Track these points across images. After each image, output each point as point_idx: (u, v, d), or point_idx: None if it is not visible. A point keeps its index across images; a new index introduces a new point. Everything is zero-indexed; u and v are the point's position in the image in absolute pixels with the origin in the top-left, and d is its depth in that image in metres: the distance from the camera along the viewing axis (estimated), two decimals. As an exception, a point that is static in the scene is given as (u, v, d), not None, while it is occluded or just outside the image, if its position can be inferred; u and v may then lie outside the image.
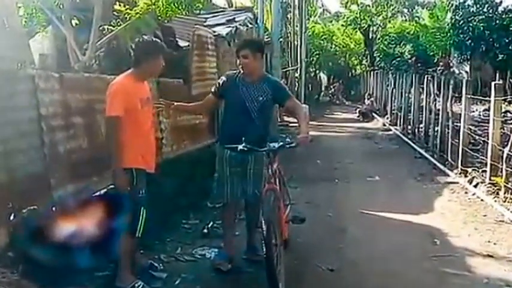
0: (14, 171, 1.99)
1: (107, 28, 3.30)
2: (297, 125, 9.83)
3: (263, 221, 2.12)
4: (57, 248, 2.11)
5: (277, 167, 2.51)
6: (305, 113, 2.56)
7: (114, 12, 3.27)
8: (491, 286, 2.39)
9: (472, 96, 5.39)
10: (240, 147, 2.27)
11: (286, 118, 9.24)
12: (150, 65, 2.26)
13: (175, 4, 3.35)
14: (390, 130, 9.47)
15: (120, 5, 3.09)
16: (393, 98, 10.47)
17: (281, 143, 2.41)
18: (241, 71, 2.51)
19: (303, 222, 2.61)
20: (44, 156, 2.16)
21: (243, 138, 2.28)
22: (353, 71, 20.82)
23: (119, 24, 3.26)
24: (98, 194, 2.54)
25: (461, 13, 14.19)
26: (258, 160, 2.50)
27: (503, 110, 5.34)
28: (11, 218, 2.02)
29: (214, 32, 5.10)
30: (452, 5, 14.71)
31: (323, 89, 19.24)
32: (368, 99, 13.21)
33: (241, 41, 2.80)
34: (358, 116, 12.31)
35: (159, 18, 3.29)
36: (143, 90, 2.31)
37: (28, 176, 2.06)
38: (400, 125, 9.18)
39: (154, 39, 2.41)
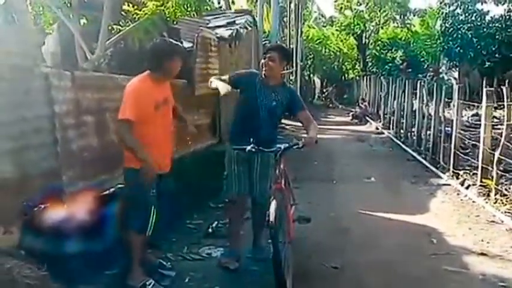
0: (27, 168, 2.01)
1: (115, 28, 3.32)
2: (294, 125, 9.79)
3: (271, 220, 2.18)
4: (68, 245, 2.13)
5: (284, 167, 2.57)
6: (316, 126, 2.61)
7: (122, 12, 3.29)
8: (487, 282, 2.51)
9: (464, 102, 5.59)
10: (249, 148, 2.33)
11: (282, 120, 9.31)
12: (166, 67, 2.26)
13: (184, 6, 3.39)
14: (383, 133, 9.68)
15: (128, 5, 3.12)
16: (386, 102, 10.71)
17: (288, 144, 2.47)
18: (263, 72, 2.55)
19: (308, 222, 2.68)
20: (57, 153, 2.18)
21: (252, 140, 2.34)
22: (346, 75, 21.17)
23: (127, 24, 3.29)
24: (107, 192, 2.56)
25: (450, 21, 14.65)
26: (263, 161, 2.56)
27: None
28: (24, 214, 2.03)
29: (216, 34, 5.16)
30: (442, 13, 15.18)
31: (317, 92, 19.48)
32: (361, 103, 13.47)
33: (273, 44, 2.82)
34: (352, 119, 12.53)
35: (168, 19, 3.32)
36: (160, 91, 2.31)
37: (41, 173, 2.08)
38: (392, 129, 9.40)
39: (170, 40, 2.43)
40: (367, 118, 12.24)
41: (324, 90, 19.40)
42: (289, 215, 2.49)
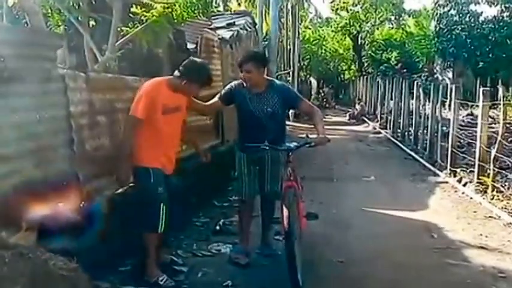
0: (46, 167, 2.06)
1: (123, 29, 3.38)
2: (293, 125, 9.95)
3: (285, 216, 2.26)
4: (83, 242, 2.18)
5: (294, 165, 2.64)
6: (320, 115, 2.70)
7: (130, 14, 3.34)
8: (486, 273, 2.62)
9: (461, 101, 5.74)
10: (262, 146, 2.42)
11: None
12: (188, 86, 2.35)
13: (192, 8, 3.46)
14: (380, 133, 9.84)
15: (136, 7, 3.18)
16: (383, 102, 10.88)
17: (300, 143, 2.55)
18: (246, 84, 2.57)
19: (316, 218, 2.75)
20: (74, 153, 2.24)
21: (266, 139, 2.43)
22: (342, 76, 21.35)
23: (135, 26, 3.34)
24: (120, 190, 2.62)
25: (444, 22, 14.90)
26: (274, 159, 2.63)
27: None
28: (42, 213, 2.08)
29: (218, 35, 5.23)
30: (436, 14, 15.42)
31: (313, 93, 19.63)
32: (358, 103, 13.64)
33: (244, 55, 2.64)
34: (349, 120, 12.70)
35: (175, 21, 3.38)
36: (173, 99, 2.37)
37: (59, 172, 2.13)
38: (390, 128, 9.57)
39: (209, 69, 2.48)
40: (364, 118, 12.41)
41: (321, 91, 19.56)
42: (300, 211, 2.56)
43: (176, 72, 2.38)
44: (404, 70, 16.03)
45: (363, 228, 3.39)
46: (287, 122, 9.71)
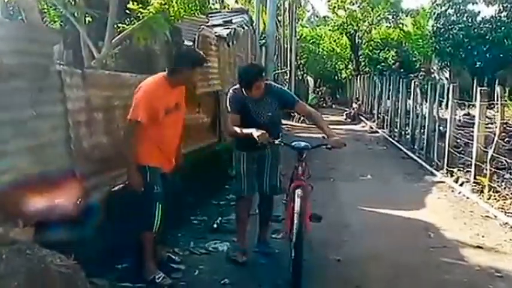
0: (44, 164, 2.04)
1: (120, 26, 3.34)
2: (292, 125, 9.92)
3: (296, 215, 2.28)
4: (81, 239, 2.16)
5: (305, 164, 2.60)
6: (320, 116, 2.71)
7: (126, 11, 3.31)
8: (483, 273, 2.64)
9: (459, 100, 5.76)
10: (277, 141, 2.47)
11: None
12: (183, 75, 2.30)
13: (189, 5, 3.43)
14: (377, 132, 9.86)
15: (133, 4, 3.14)
16: (380, 102, 10.90)
17: (313, 144, 2.58)
18: (250, 94, 2.56)
19: (319, 220, 2.69)
20: (71, 149, 2.21)
21: (280, 134, 2.50)
22: (339, 75, 21.37)
23: (132, 22, 3.31)
24: (117, 188, 2.59)
25: (442, 21, 14.91)
26: (273, 156, 2.68)
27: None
28: (40, 209, 2.05)
29: (215, 32, 5.20)
30: (434, 13, 15.43)
31: (310, 92, 19.62)
32: (355, 103, 13.65)
33: (251, 74, 2.56)
34: (346, 119, 12.70)
35: (172, 18, 3.35)
36: (172, 96, 2.32)
37: (57, 169, 2.10)
38: (386, 128, 9.58)
39: (196, 50, 2.45)
40: (361, 117, 12.43)
41: (318, 90, 19.57)
42: (307, 211, 2.55)
43: (168, 68, 2.33)
44: (402, 70, 16.07)
45: (360, 227, 3.39)
46: (287, 122, 9.60)
